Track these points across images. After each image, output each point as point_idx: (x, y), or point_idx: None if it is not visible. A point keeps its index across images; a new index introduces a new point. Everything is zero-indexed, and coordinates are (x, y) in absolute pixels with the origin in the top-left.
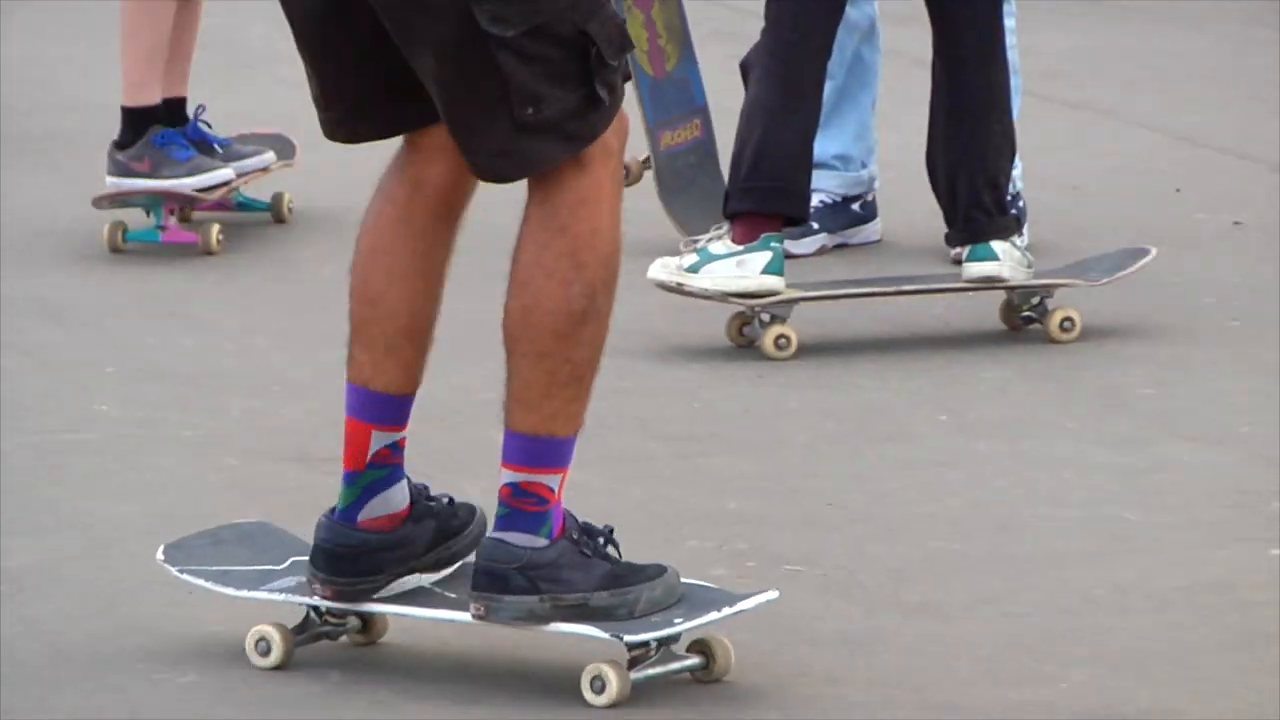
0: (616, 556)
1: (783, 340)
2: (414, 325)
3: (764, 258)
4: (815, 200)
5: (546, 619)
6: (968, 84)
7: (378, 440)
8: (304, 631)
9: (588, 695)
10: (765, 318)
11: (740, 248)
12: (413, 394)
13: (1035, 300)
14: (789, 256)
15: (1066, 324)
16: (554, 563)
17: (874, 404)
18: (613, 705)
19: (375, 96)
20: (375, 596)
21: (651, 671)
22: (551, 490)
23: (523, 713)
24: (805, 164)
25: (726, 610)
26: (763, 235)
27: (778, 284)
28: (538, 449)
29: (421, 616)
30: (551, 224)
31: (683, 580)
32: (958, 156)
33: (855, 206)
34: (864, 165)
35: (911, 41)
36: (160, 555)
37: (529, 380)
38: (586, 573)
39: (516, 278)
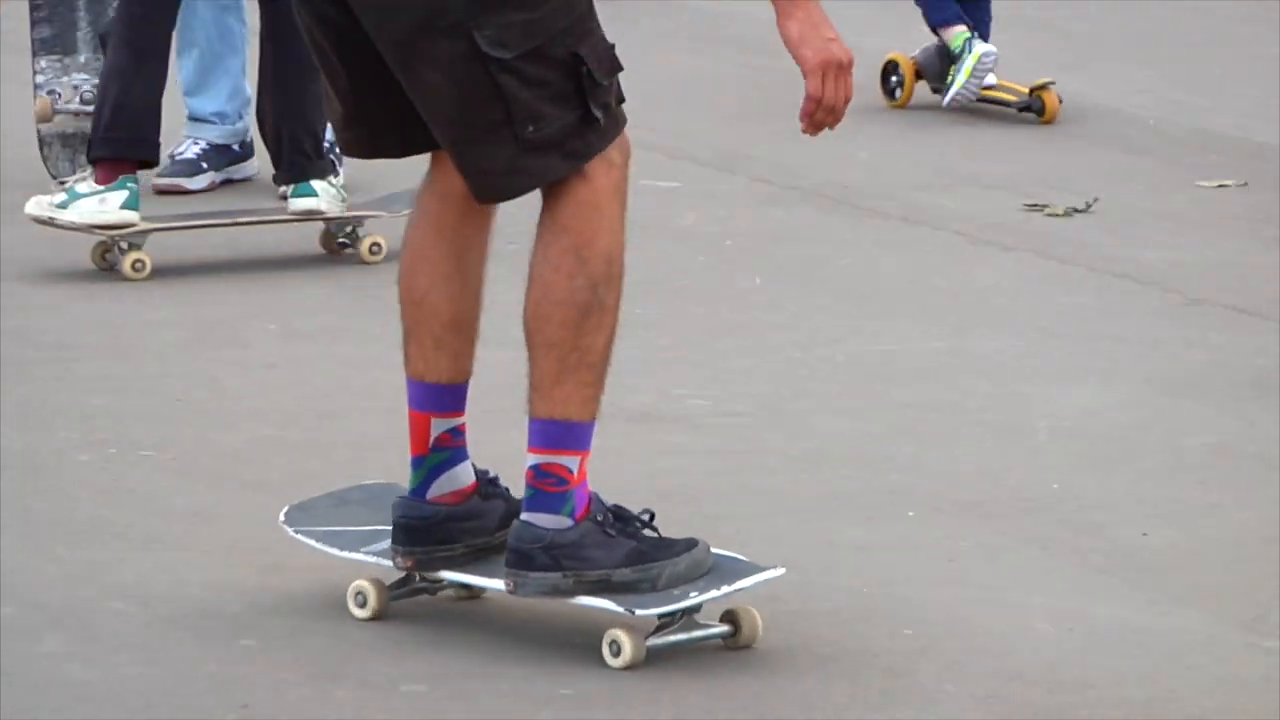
0: (651, 535)
1: (139, 264)
2: (457, 320)
3: (122, 195)
4: (202, 146)
5: (570, 593)
6: (289, 55)
7: (437, 426)
8: (403, 586)
9: (606, 657)
10: (124, 245)
11: (102, 187)
12: (464, 383)
13: (349, 229)
14: (186, 192)
15: (375, 248)
16: (576, 542)
17: (215, 316)
18: (628, 667)
19: (395, 120)
20: (448, 564)
21: (674, 638)
22: (570, 471)
23: (546, 670)
24: (155, 117)
25: (725, 589)
26: (121, 177)
27: (134, 217)
28: (554, 432)
29: (472, 583)
30: (556, 225)
31: (713, 551)
32: (282, 112)
33: (235, 147)
34: (240, 118)
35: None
36: (282, 517)
37: (543, 369)
38: (609, 551)
39: (531, 275)
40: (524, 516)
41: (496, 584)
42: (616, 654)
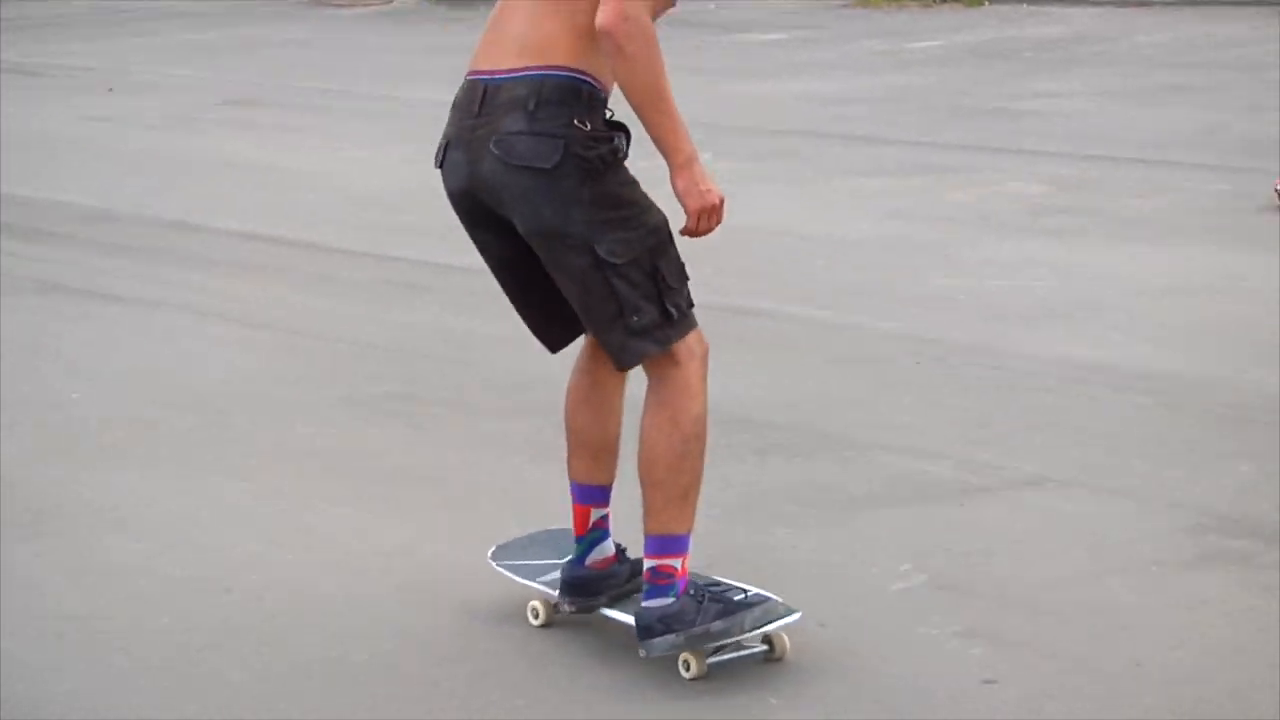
0: (733, 597)
1: None
2: (605, 445)
3: None
4: None
5: (684, 647)
6: None
7: (594, 514)
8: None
9: (680, 671)
10: None
11: None
12: (610, 485)
13: None
14: None
15: None
16: (679, 613)
17: None
18: (695, 679)
19: (558, 320)
20: (598, 607)
21: (728, 656)
22: (675, 568)
23: (635, 682)
24: None
25: (779, 624)
26: None
27: None
28: (662, 542)
29: (614, 617)
30: (658, 400)
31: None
32: None
33: None
34: None
35: None
36: (490, 553)
37: (652, 499)
38: (703, 612)
39: (641, 434)
40: (643, 604)
41: (627, 618)
42: (687, 669)
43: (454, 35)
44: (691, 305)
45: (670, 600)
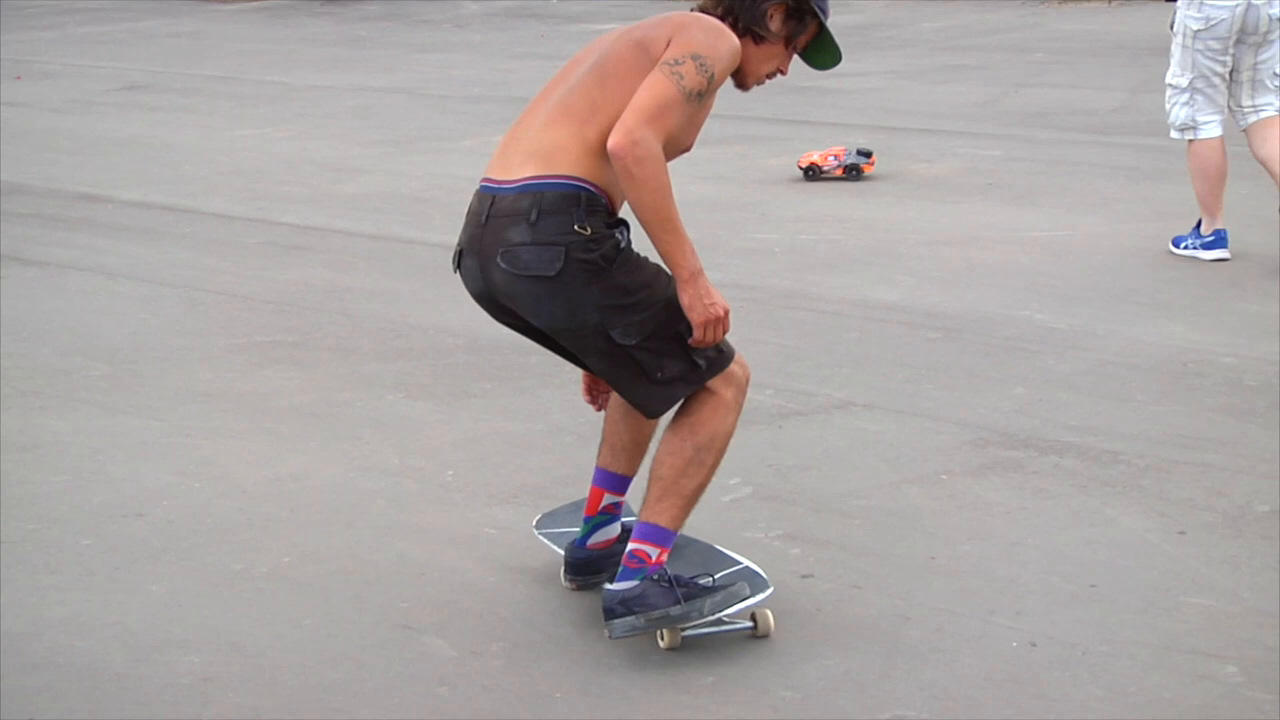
0: (700, 583)
1: None
2: (636, 442)
3: None
4: None
5: (644, 629)
6: None
7: (607, 499)
8: None
9: (657, 640)
10: None
11: None
12: (629, 477)
13: None
14: None
15: None
16: (640, 595)
17: None
18: (670, 648)
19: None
20: (599, 584)
21: (703, 631)
22: (651, 557)
23: (615, 647)
24: None
25: (739, 606)
26: None
27: None
28: (647, 530)
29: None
30: (685, 411)
31: (754, 568)
32: None
33: None
34: None
35: None
36: (535, 521)
37: (653, 491)
38: (664, 596)
39: (663, 436)
40: (609, 586)
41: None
42: (662, 639)
43: (323, 27)
44: (721, 349)
45: (634, 584)
